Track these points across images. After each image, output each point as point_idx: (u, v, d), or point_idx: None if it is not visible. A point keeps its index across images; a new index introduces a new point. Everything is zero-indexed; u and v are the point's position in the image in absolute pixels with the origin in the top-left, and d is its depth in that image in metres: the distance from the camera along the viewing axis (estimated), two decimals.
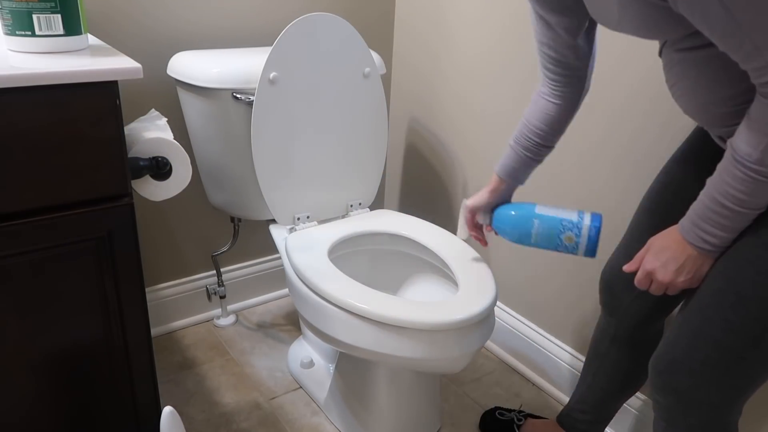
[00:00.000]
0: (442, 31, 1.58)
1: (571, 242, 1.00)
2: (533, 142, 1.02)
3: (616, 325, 1.06)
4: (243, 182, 1.39)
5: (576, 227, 0.99)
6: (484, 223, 1.11)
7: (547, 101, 0.99)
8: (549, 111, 0.99)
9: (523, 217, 1.04)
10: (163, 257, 1.57)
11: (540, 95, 1.00)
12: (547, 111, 0.99)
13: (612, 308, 1.05)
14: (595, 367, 1.12)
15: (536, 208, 1.04)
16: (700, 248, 0.76)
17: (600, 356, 1.11)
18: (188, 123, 1.39)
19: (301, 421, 1.36)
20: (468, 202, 1.10)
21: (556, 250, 1.03)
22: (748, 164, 0.67)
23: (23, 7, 0.80)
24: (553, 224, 1.01)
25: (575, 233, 0.99)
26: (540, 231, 1.02)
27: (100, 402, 0.97)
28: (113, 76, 0.79)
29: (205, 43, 1.43)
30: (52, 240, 0.83)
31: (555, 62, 0.94)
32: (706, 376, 0.77)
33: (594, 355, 1.12)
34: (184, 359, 1.54)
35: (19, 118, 0.75)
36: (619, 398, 1.13)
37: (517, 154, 1.04)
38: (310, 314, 1.15)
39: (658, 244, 0.80)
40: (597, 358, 1.12)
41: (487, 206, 1.09)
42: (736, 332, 0.74)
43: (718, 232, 0.73)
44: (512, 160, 1.05)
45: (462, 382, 1.52)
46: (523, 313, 1.54)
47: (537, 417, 1.33)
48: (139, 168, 0.92)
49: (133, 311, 0.93)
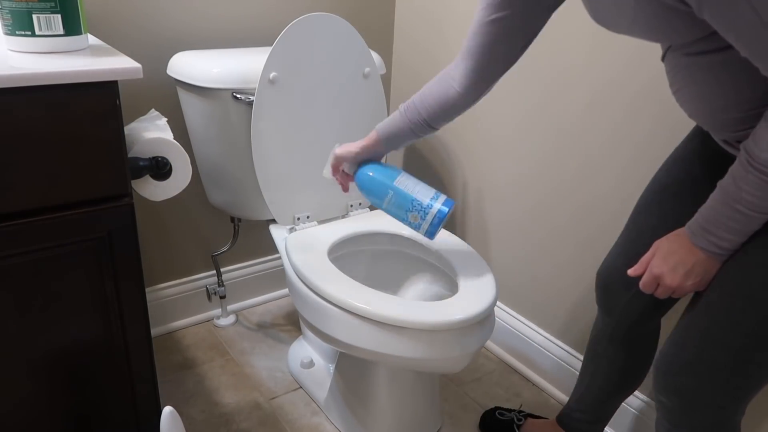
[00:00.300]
0: (441, 32, 1.58)
1: (416, 221, 1.07)
2: (422, 119, 1.01)
3: (613, 325, 1.06)
4: (243, 182, 1.39)
5: (423, 211, 1.05)
6: (349, 172, 1.13)
7: (451, 86, 0.98)
8: (450, 96, 0.98)
9: (381, 184, 1.08)
10: (163, 257, 1.57)
11: (449, 77, 0.98)
12: (448, 95, 0.98)
13: (608, 307, 1.05)
14: (593, 367, 1.12)
15: (397, 178, 1.08)
16: (711, 252, 0.75)
17: (598, 356, 1.11)
18: (188, 123, 1.39)
19: (301, 421, 1.36)
20: (337, 150, 1.11)
21: (401, 221, 1.09)
22: (763, 168, 0.66)
23: (23, 7, 0.80)
24: (404, 201, 1.07)
25: (421, 216, 1.06)
26: (391, 202, 1.08)
27: (99, 402, 0.97)
28: (113, 76, 0.79)
29: (205, 43, 1.43)
30: (52, 240, 0.83)
31: (484, 61, 0.93)
32: (712, 378, 0.77)
33: (592, 355, 1.12)
34: (184, 359, 1.54)
35: (19, 118, 0.75)
36: (617, 397, 1.13)
37: (403, 123, 1.04)
38: (310, 314, 1.15)
39: (665, 248, 0.79)
40: (595, 358, 1.12)
41: (354, 159, 1.10)
42: (745, 335, 0.74)
43: (730, 236, 0.73)
44: (396, 127, 1.04)
45: (462, 382, 1.52)
46: (523, 313, 1.54)
47: (537, 417, 1.33)
48: (139, 168, 0.92)
49: (133, 311, 0.93)
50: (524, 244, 1.49)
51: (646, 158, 1.17)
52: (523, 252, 1.50)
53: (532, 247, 1.47)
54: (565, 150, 1.33)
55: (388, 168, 1.10)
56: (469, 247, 1.28)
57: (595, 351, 1.11)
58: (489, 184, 1.55)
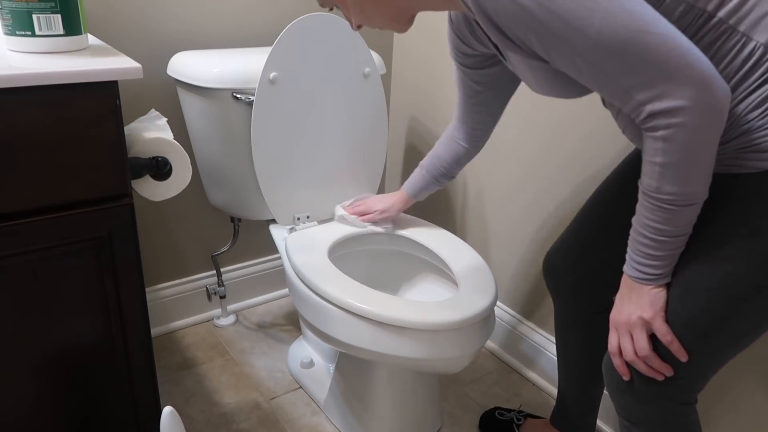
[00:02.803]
0: (441, 31, 1.58)
1: None
2: (441, 174, 1.22)
3: (566, 308, 1.09)
4: (243, 182, 1.39)
5: None
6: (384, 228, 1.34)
7: (459, 144, 1.16)
8: (461, 152, 1.17)
9: None
10: (163, 257, 1.57)
11: (454, 138, 1.17)
12: (459, 152, 1.17)
13: (557, 290, 1.09)
14: (563, 357, 1.15)
15: None
16: (642, 280, 0.76)
17: (563, 345, 1.14)
18: (188, 123, 1.39)
19: (301, 421, 1.36)
20: (379, 206, 1.33)
21: None
22: (651, 194, 0.70)
23: (23, 7, 0.80)
24: None
25: None
26: None
27: (100, 402, 0.97)
28: (113, 76, 0.79)
29: (205, 43, 1.43)
30: (52, 240, 0.83)
31: (476, 124, 1.12)
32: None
33: (560, 346, 1.15)
34: (184, 359, 1.54)
35: (19, 118, 0.75)
36: (595, 383, 1.14)
37: (428, 180, 1.25)
38: (310, 314, 1.15)
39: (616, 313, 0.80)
40: (562, 348, 1.14)
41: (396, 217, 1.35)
42: (683, 325, 0.75)
43: (652, 262, 0.75)
44: (423, 183, 1.26)
45: (462, 382, 1.52)
46: (523, 313, 1.54)
47: (537, 417, 1.33)
48: (139, 168, 0.92)
49: (133, 311, 0.93)
50: (524, 244, 1.49)
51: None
52: (523, 252, 1.50)
53: (532, 247, 1.47)
54: (565, 151, 1.33)
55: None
56: (469, 247, 1.28)
57: (561, 340, 1.14)
58: (489, 184, 1.55)
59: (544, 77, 0.78)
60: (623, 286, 0.80)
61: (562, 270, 1.07)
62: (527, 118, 1.40)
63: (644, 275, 0.76)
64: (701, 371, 0.79)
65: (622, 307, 0.79)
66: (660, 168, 0.68)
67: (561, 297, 1.09)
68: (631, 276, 0.78)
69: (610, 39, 0.64)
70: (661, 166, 0.68)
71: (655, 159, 0.68)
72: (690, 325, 0.75)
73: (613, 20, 0.63)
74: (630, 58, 0.64)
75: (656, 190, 0.70)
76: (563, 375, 1.17)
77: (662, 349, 0.77)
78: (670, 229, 0.72)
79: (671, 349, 0.76)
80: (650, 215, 0.72)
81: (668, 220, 0.71)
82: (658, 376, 0.78)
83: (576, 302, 1.07)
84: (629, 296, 0.78)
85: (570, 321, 1.10)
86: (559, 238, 1.09)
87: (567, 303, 1.09)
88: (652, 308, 0.76)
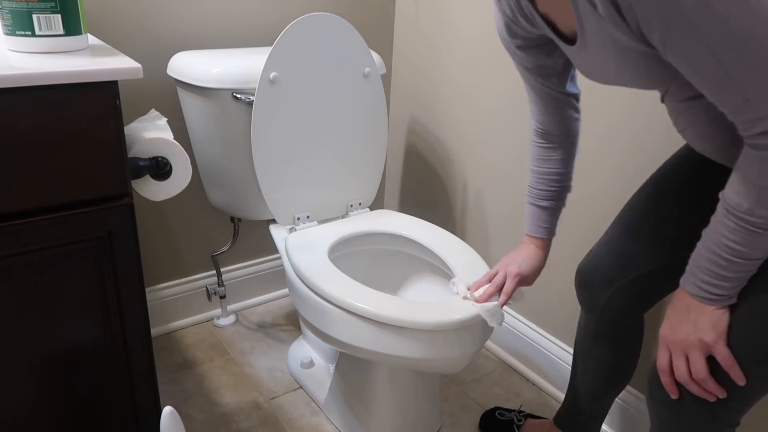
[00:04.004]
0: (442, 31, 1.58)
1: None
2: (555, 188, 1.04)
3: (596, 321, 1.06)
4: (243, 182, 1.39)
5: None
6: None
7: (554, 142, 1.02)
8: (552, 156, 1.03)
9: None
10: (163, 257, 1.57)
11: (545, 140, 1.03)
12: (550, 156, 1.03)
13: (590, 305, 1.05)
14: (582, 365, 1.13)
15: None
16: (706, 299, 0.72)
17: (584, 354, 1.11)
18: (188, 123, 1.39)
19: (301, 421, 1.36)
20: (515, 269, 1.07)
21: None
22: (739, 214, 0.66)
23: (23, 7, 0.80)
24: None
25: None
26: None
27: (99, 402, 0.97)
28: (113, 76, 0.79)
29: (205, 43, 1.43)
30: (52, 240, 0.83)
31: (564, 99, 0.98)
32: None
33: (579, 354, 1.13)
34: (184, 359, 1.54)
35: (19, 118, 0.75)
36: (608, 395, 1.13)
37: (544, 208, 1.05)
38: (310, 314, 1.15)
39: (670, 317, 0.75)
40: (582, 356, 1.12)
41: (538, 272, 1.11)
42: (746, 348, 0.72)
43: (719, 282, 0.71)
44: (544, 216, 1.06)
45: (462, 382, 1.52)
46: (523, 313, 1.54)
47: (537, 417, 1.33)
48: (139, 168, 0.92)
49: (133, 311, 0.93)
50: None
51: (640, 157, 1.17)
52: None
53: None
54: None
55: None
56: (468, 247, 1.28)
57: (582, 349, 1.11)
58: (489, 183, 1.55)
59: (634, 65, 0.70)
60: (679, 301, 0.74)
61: (597, 286, 1.02)
62: (529, 116, 1.40)
63: (710, 295, 0.71)
64: (754, 394, 0.75)
65: (678, 325, 0.74)
66: (759, 190, 0.64)
67: (593, 311, 1.05)
68: (693, 294, 0.72)
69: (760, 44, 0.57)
70: (762, 189, 0.63)
71: (755, 179, 0.64)
72: (753, 348, 0.72)
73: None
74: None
75: (747, 211, 0.65)
76: (579, 381, 1.15)
77: (718, 370, 0.73)
78: (749, 251, 0.67)
79: (731, 373, 0.72)
80: (731, 235, 0.67)
81: (750, 243, 0.67)
82: (710, 397, 0.74)
83: (608, 318, 1.04)
84: (687, 314, 0.73)
85: (598, 335, 1.07)
86: (592, 251, 1.04)
87: (598, 317, 1.05)
88: (715, 331, 0.71)
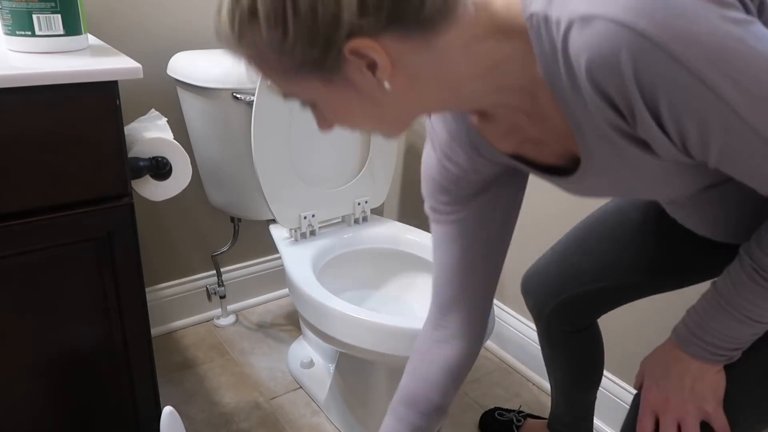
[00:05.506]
0: None
1: None
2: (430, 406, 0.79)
3: (546, 328, 1.04)
4: (243, 182, 1.39)
5: None
6: None
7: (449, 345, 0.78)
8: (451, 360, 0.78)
9: None
10: (163, 257, 1.57)
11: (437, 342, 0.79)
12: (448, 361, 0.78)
13: (536, 312, 1.03)
14: (550, 369, 1.13)
15: None
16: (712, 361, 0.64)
17: (547, 359, 1.11)
18: (188, 123, 1.39)
19: (301, 421, 1.36)
20: None
21: None
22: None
23: (23, 7, 0.80)
24: None
25: None
26: None
27: (100, 402, 0.97)
28: (113, 76, 0.79)
29: (205, 43, 1.43)
30: (52, 240, 0.83)
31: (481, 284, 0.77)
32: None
33: (545, 359, 1.12)
34: (184, 359, 1.54)
35: (19, 118, 0.75)
36: (582, 394, 1.12)
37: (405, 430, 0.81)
38: (310, 314, 1.15)
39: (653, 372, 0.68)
40: (547, 361, 1.12)
41: None
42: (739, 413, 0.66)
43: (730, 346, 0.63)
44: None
45: None
46: (523, 313, 1.54)
47: (536, 417, 1.33)
48: (139, 168, 0.92)
49: (133, 311, 0.93)
50: (525, 245, 1.49)
51: None
52: (524, 253, 1.50)
53: (532, 248, 1.47)
54: None
55: None
56: None
57: (545, 354, 1.11)
58: None
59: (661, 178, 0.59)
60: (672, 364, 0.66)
61: (541, 294, 1.00)
62: None
63: (716, 357, 0.64)
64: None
65: (671, 390, 0.66)
66: None
67: (540, 319, 1.04)
68: (697, 356, 0.64)
69: None
70: None
71: None
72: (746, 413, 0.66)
73: None
74: None
75: None
76: (552, 386, 1.15)
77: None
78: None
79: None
80: (755, 299, 0.59)
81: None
82: None
83: (556, 324, 1.02)
84: (681, 379, 0.65)
85: (551, 340, 1.06)
86: (540, 260, 1.02)
87: (547, 324, 1.04)
88: (715, 398, 0.64)
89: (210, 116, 1.31)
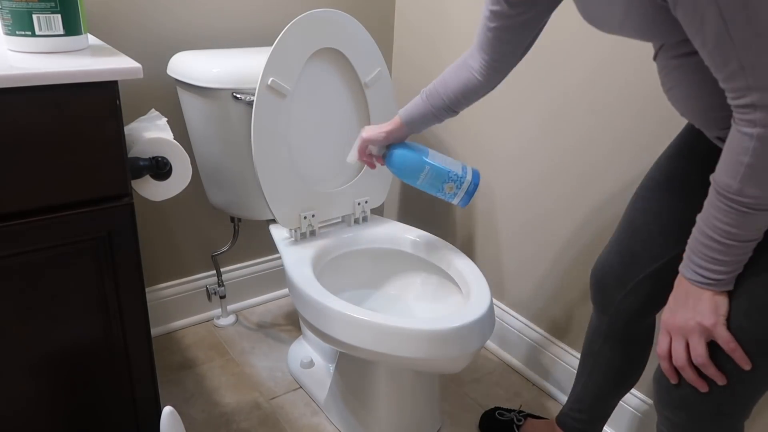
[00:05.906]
0: (442, 30, 1.58)
1: (451, 191, 1.14)
2: (445, 105, 1.07)
3: (608, 322, 1.06)
4: (243, 182, 1.39)
5: (459, 180, 1.14)
6: (377, 154, 1.18)
7: (472, 75, 1.03)
8: (470, 84, 1.04)
9: (417, 161, 1.13)
10: (163, 257, 1.57)
11: (468, 66, 1.03)
12: (468, 83, 1.04)
13: (603, 306, 1.05)
14: (590, 366, 1.13)
15: (428, 155, 1.15)
16: (702, 284, 0.71)
17: (593, 354, 1.11)
18: (188, 123, 1.39)
19: (301, 421, 1.36)
20: (364, 135, 1.16)
21: (434, 194, 1.16)
22: (729, 195, 0.65)
23: (23, 7, 0.80)
24: (441, 173, 1.13)
25: (456, 185, 1.14)
26: (428, 177, 1.14)
27: (99, 402, 0.97)
28: (113, 76, 0.79)
29: (205, 43, 1.43)
30: (52, 240, 0.83)
31: (497, 56, 0.98)
32: (717, 386, 0.75)
33: (588, 354, 1.13)
34: (184, 359, 1.54)
35: (19, 118, 0.75)
36: (614, 396, 1.13)
37: (426, 109, 1.09)
38: (310, 314, 1.15)
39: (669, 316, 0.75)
40: (591, 357, 1.12)
41: (383, 142, 1.16)
42: (748, 342, 0.72)
43: (715, 267, 0.70)
44: (419, 112, 1.10)
45: (462, 382, 1.52)
46: (524, 313, 1.55)
47: (537, 417, 1.33)
48: (139, 168, 0.92)
49: (133, 311, 0.93)
50: (526, 246, 1.49)
51: (649, 162, 1.17)
52: (525, 253, 1.50)
53: (534, 249, 1.47)
54: (570, 156, 1.33)
55: (417, 146, 1.16)
56: (459, 251, 1.27)
57: (591, 349, 1.11)
58: (491, 183, 1.55)
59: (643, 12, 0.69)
60: (678, 287, 0.74)
61: (610, 286, 1.02)
62: (534, 122, 1.40)
63: (705, 279, 0.71)
64: (759, 386, 0.75)
65: (676, 310, 0.74)
66: (746, 169, 0.63)
67: (605, 313, 1.05)
68: (690, 279, 0.72)
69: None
70: (748, 167, 0.63)
71: (742, 158, 0.63)
72: (756, 341, 0.71)
73: None
74: None
75: (737, 191, 0.64)
76: (584, 381, 1.14)
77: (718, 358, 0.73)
78: (741, 233, 0.67)
79: (734, 356, 0.71)
80: (722, 217, 0.67)
81: (742, 224, 0.66)
82: (702, 387, 0.74)
83: (621, 319, 1.03)
84: (685, 300, 0.73)
85: (610, 336, 1.07)
86: (604, 251, 1.04)
87: (610, 319, 1.05)
88: (714, 315, 0.71)
89: (210, 116, 1.31)
